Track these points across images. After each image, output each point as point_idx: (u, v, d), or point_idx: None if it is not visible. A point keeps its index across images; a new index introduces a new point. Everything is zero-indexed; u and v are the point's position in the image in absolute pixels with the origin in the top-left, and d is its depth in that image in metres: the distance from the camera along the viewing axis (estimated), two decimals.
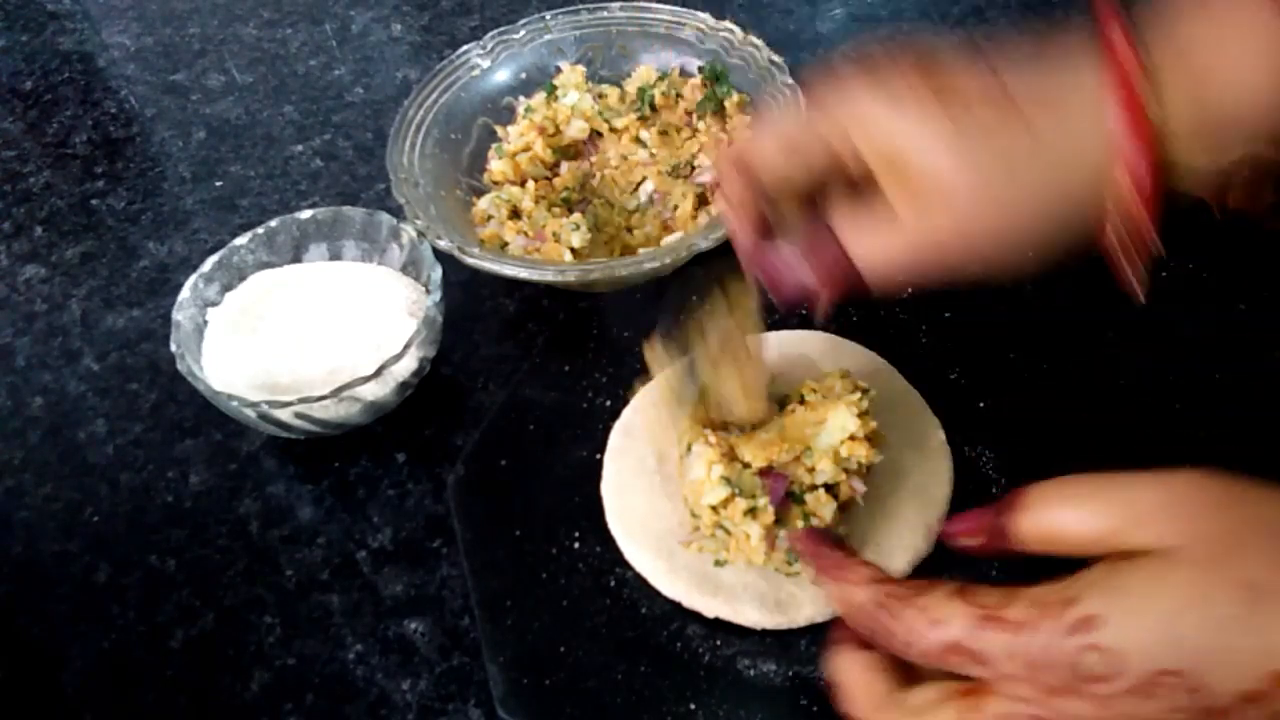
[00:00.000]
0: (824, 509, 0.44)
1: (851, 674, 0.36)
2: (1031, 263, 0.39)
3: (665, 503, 0.48)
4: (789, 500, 0.44)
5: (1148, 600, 0.31)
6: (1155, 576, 0.31)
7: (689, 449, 0.47)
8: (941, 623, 0.34)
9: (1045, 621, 0.32)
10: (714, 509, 0.45)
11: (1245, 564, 0.30)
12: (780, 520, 0.44)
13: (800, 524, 0.44)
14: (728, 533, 0.45)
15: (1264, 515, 0.32)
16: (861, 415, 0.45)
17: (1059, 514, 0.34)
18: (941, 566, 0.46)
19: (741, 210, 0.43)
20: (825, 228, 0.40)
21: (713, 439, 0.46)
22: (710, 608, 0.45)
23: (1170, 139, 0.36)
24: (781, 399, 0.49)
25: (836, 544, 0.40)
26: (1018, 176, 0.38)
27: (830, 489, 0.45)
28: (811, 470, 0.45)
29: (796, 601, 0.45)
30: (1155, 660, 0.31)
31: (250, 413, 0.51)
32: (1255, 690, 0.30)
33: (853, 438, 0.45)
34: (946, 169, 0.38)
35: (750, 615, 0.45)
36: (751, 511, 0.44)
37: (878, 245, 0.39)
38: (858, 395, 0.46)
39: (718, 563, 0.46)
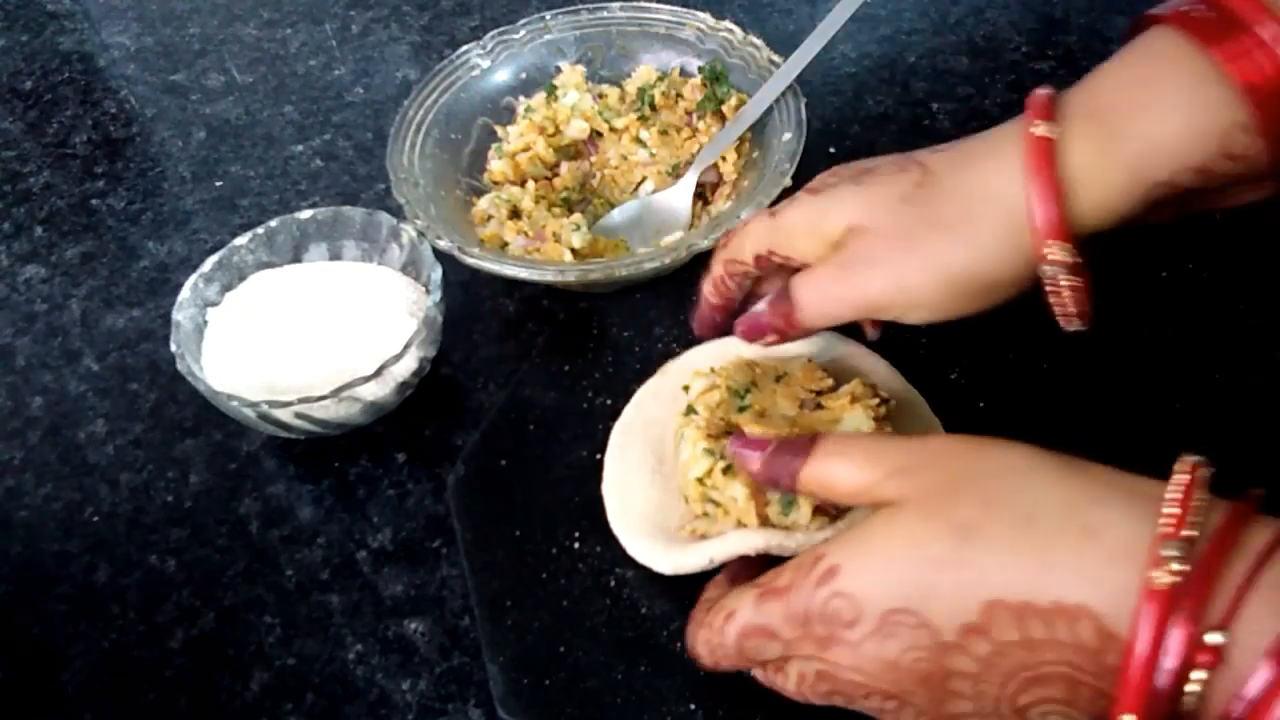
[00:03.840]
0: None
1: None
2: (981, 305, 0.42)
3: (666, 501, 0.48)
4: None
5: (873, 545, 0.35)
6: (883, 524, 0.35)
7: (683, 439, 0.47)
8: (734, 613, 0.37)
9: (801, 579, 0.35)
10: (700, 481, 0.45)
11: (956, 509, 0.34)
12: None
13: None
14: (717, 504, 0.45)
15: (982, 465, 0.35)
16: (877, 420, 0.45)
17: (833, 465, 0.38)
18: None
19: (721, 298, 0.50)
20: (784, 287, 0.46)
21: (702, 422, 0.46)
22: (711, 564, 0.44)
23: (1081, 189, 0.39)
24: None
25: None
26: (928, 220, 0.41)
27: None
28: None
29: None
30: (884, 600, 0.34)
31: (250, 413, 0.51)
32: (974, 623, 0.32)
33: None
34: (855, 219, 0.43)
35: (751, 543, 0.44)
36: (729, 469, 0.44)
37: (813, 296, 0.44)
38: (875, 400, 0.46)
39: None
